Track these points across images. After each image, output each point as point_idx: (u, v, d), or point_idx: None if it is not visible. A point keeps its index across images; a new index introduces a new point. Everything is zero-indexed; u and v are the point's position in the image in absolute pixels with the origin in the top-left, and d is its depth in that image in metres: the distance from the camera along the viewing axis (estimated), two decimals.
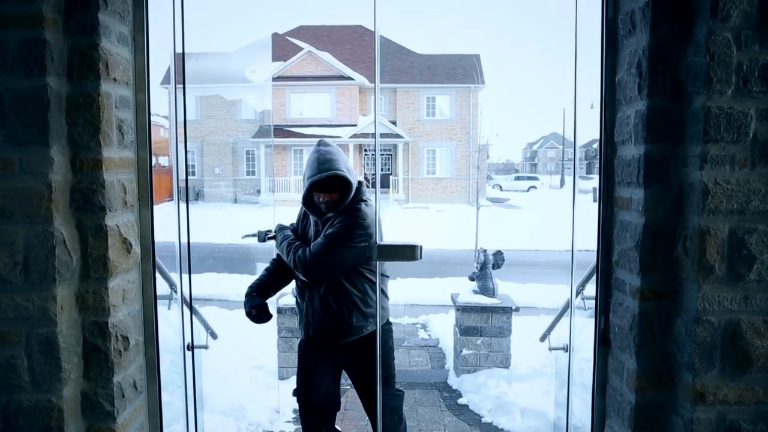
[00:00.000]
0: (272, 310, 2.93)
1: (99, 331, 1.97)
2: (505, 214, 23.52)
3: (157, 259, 2.35)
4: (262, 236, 3.52)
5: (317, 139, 2.90)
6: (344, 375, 3.10)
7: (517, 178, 45.47)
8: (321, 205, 2.81)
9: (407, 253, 2.42)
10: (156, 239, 2.25)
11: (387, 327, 3.01)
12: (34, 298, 1.85)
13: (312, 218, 2.93)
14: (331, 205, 2.80)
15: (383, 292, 2.97)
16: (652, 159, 1.92)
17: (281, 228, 3.09)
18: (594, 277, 2.31)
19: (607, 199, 2.20)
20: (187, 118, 2.41)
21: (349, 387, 5.00)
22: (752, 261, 1.81)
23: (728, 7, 1.75)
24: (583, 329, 2.69)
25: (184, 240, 2.37)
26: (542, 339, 4.00)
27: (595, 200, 2.29)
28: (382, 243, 2.41)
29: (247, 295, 2.98)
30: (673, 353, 1.95)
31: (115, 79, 2.00)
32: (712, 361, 1.84)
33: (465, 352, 5.30)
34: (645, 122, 1.92)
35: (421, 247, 2.40)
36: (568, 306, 2.67)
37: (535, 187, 41.59)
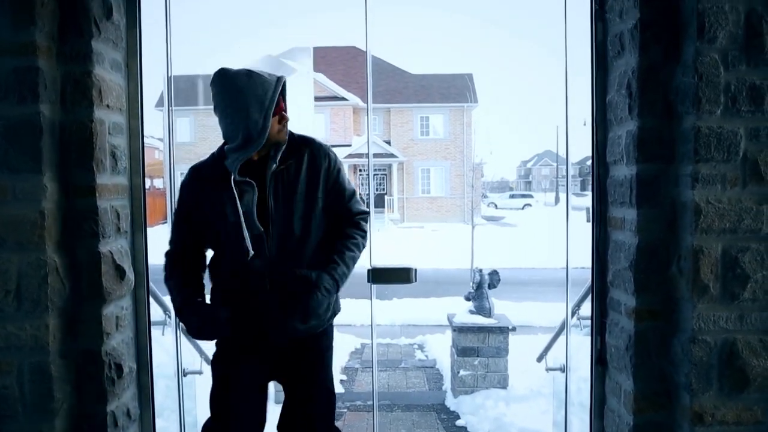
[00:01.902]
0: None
1: (92, 359, 1.95)
2: (501, 232, 23.51)
3: (151, 284, 2.34)
4: None
5: None
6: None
7: (512, 196, 45.56)
8: (282, 131, 2.02)
9: (402, 276, 2.41)
10: (150, 262, 2.24)
11: (331, 323, 2.25)
12: (26, 327, 1.83)
13: (223, 192, 1.99)
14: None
15: None
16: (644, 179, 1.93)
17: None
18: (589, 296, 2.31)
19: (600, 219, 2.20)
20: (182, 141, 2.41)
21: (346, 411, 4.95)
22: (746, 280, 1.81)
23: (714, 28, 1.78)
24: (580, 348, 2.68)
25: None
26: (539, 360, 3.98)
27: (588, 220, 2.29)
28: (376, 266, 2.40)
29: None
30: (670, 373, 1.94)
31: (108, 106, 2.01)
32: (710, 381, 1.83)
33: (462, 373, 5.26)
34: (636, 142, 1.94)
35: (416, 270, 2.40)
36: (564, 326, 2.66)
37: (530, 204, 41.67)
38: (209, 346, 3.69)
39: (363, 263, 2.50)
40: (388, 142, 28.72)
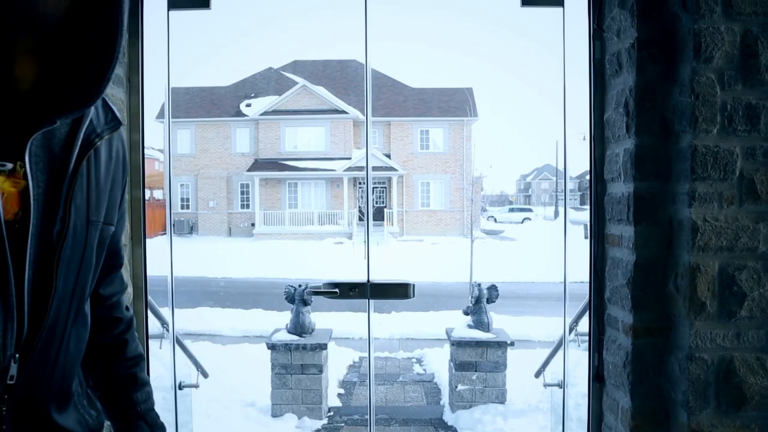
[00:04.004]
0: (263, 347, 2.84)
1: None
2: (500, 245, 23.51)
3: (149, 297, 2.34)
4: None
5: (312, 173, 2.08)
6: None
7: (511, 210, 45.60)
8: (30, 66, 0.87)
9: (400, 291, 2.41)
10: (150, 273, 2.24)
11: None
12: None
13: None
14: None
15: None
16: (641, 197, 1.95)
17: None
18: (587, 312, 2.31)
19: (598, 236, 2.21)
20: (183, 152, 2.42)
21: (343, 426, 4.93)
22: (743, 298, 1.82)
23: (710, 48, 1.80)
24: (579, 364, 2.68)
25: (176, 274, 2.37)
26: (537, 375, 3.97)
27: (586, 237, 2.30)
28: (374, 281, 2.40)
29: None
30: (668, 391, 1.94)
31: None
32: (707, 398, 1.83)
33: (460, 387, 5.25)
34: (633, 160, 1.95)
35: (413, 285, 2.40)
36: (561, 342, 2.66)
37: (529, 218, 41.70)
38: (206, 359, 3.69)
39: (362, 277, 2.51)
40: (388, 156, 28.80)
